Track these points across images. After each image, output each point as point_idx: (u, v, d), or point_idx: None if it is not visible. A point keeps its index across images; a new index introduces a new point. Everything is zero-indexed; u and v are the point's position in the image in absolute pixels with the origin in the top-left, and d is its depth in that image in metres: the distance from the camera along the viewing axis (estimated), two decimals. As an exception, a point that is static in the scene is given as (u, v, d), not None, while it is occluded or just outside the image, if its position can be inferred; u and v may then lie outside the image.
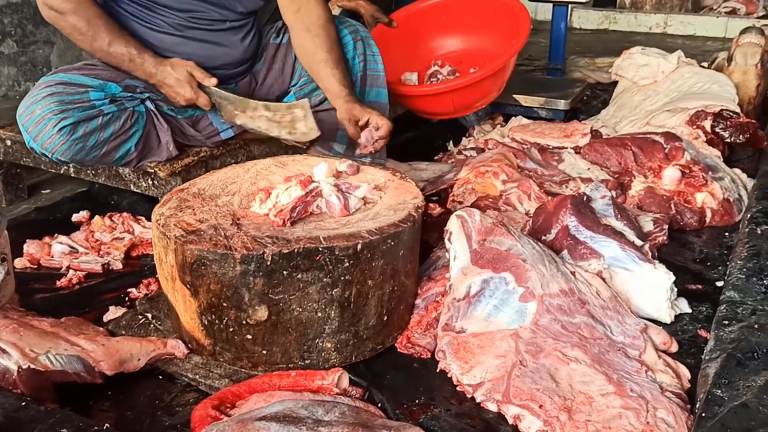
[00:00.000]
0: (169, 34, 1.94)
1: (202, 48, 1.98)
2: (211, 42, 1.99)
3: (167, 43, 1.94)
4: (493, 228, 1.66)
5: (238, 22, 2.04)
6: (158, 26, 1.93)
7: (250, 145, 2.20)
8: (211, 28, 1.98)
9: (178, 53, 1.95)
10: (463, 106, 2.75)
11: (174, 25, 1.93)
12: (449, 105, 2.70)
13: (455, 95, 2.64)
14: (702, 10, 5.49)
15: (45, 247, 1.99)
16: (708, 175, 2.24)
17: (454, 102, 2.68)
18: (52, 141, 1.75)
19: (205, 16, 1.96)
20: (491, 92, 2.73)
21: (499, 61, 2.55)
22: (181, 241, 1.45)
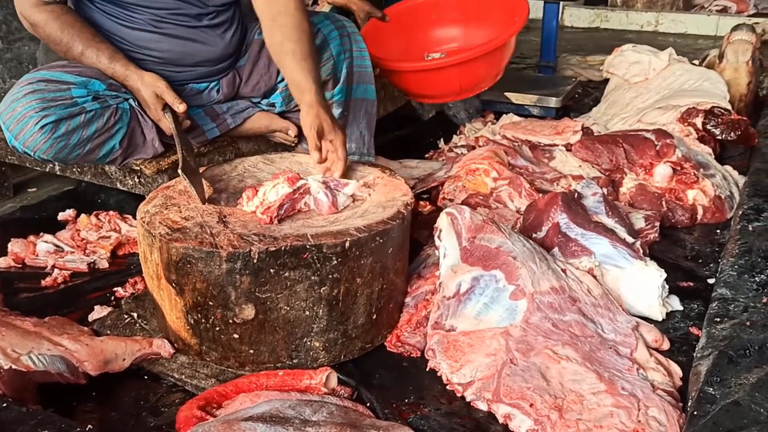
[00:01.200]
0: (146, 31, 1.90)
1: (179, 45, 1.93)
2: (189, 39, 1.94)
3: (145, 41, 1.90)
4: (483, 225, 1.64)
5: (217, 18, 1.98)
6: (135, 24, 1.89)
7: (238, 142, 2.18)
8: (189, 24, 1.93)
9: (156, 50, 1.91)
10: (470, 86, 2.62)
11: (150, 21, 1.89)
12: (455, 83, 2.57)
13: (462, 70, 2.51)
14: (693, 8, 5.50)
15: (30, 246, 1.96)
16: (699, 173, 2.23)
17: (461, 79, 2.55)
18: (34, 139, 1.72)
19: (180, 12, 1.91)
20: (496, 70, 2.64)
21: (505, 35, 2.49)
22: (167, 239, 1.42)
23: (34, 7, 1.78)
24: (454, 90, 2.63)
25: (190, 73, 1.97)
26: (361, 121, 2.17)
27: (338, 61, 2.06)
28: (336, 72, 2.07)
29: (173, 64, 1.94)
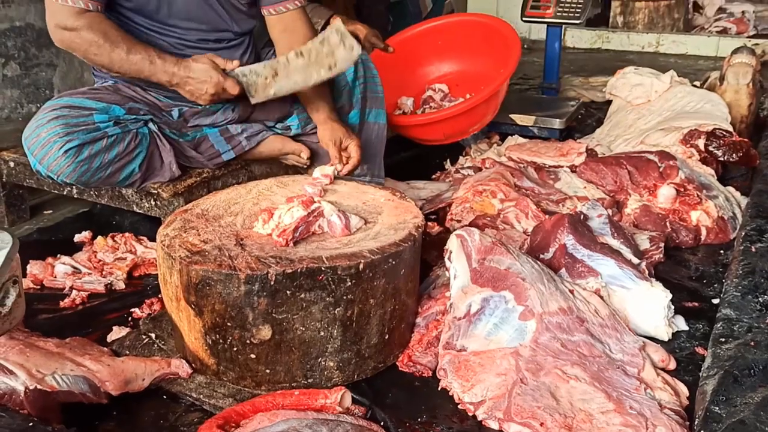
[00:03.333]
0: (169, 54, 1.97)
1: None
2: None
3: None
4: (492, 247, 1.69)
5: (234, 41, 2.08)
6: (158, 47, 1.95)
7: (251, 166, 2.23)
8: (209, 47, 2.02)
9: None
10: (453, 134, 2.80)
11: (173, 44, 1.97)
12: (439, 133, 2.76)
13: (444, 124, 2.69)
14: (693, 29, 5.56)
15: (48, 267, 2.00)
16: (702, 194, 2.27)
17: (444, 131, 2.74)
18: (58, 163, 1.78)
19: (203, 37, 2.00)
20: (480, 120, 2.78)
21: (482, 94, 2.62)
22: (186, 262, 1.47)
23: (76, 14, 1.80)
24: (438, 138, 2.82)
25: None
26: (373, 144, 2.24)
27: (353, 87, 2.14)
28: (351, 98, 2.14)
29: None
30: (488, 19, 2.96)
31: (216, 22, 2.01)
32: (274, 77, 1.93)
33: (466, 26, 2.95)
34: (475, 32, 2.91)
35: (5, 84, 2.47)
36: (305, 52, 1.91)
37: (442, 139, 2.82)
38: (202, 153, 2.05)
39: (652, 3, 5.47)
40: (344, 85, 2.16)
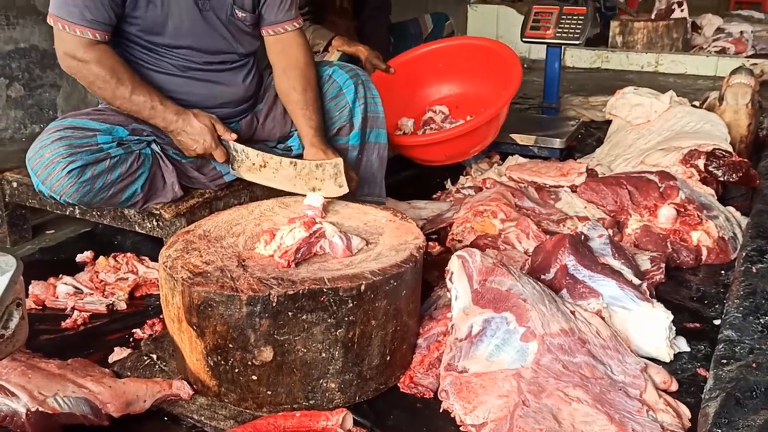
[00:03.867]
0: (174, 75, 2.00)
1: (205, 87, 2.05)
2: (214, 81, 2.06)
3: (173, 84, 2.00)
4: (493, 268, 1.69)
5: (239, 63, 2.11)
6: (163, 68, 1.99)
7: (253, 186, 2.23)
8: (213, 69, 2.05)
9: (183, 93, 2.02)
10: (454, 155, 2.83)
11: (178, 66, 2.00)
12: (440, 154, 2.78)
13: (445, 145, 2.71)
14: (692, 49, 5.61)
15: (50, 288, 2.01)
16: (703, 214, 2.28)
17: (445, 151, 2.76)
18: (61, 184, 1.79)
19: (208, 59, 2.03)
20: (480, 141, 2.80)
21: (484, 116, 2.63)
22: (188, 283, 1.47)
23: (85, 46, 1.82)
24: (439, 159, 2.84)
25: (213, 114, 2.06)
26: (374, 164, 2.25)
27: (353, 108, 2.16)
28: (352, 118, 2.16)
29: (197, 105, 2.04)
30: (489, 43, 2.99)
31: (220, 45, 2.04)
32: (261, 168, 1.98)
33: (466, 49, 2.98)
34: (476, 55, 2.94)
35: (9, 105, 2.49)
36: (299, 165, 1.95)
37: (443, 160, 2.83)
38: (205, 174, 2.07)
39: (651, 23, 5.52)
40: (344, 105, 2.19)
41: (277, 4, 2.06)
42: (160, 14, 1.91)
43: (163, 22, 1.92)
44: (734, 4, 7.95)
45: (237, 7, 2.01)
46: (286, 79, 2.09)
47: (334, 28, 3.01)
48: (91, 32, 1.82)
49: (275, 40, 2.12)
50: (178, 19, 1.93)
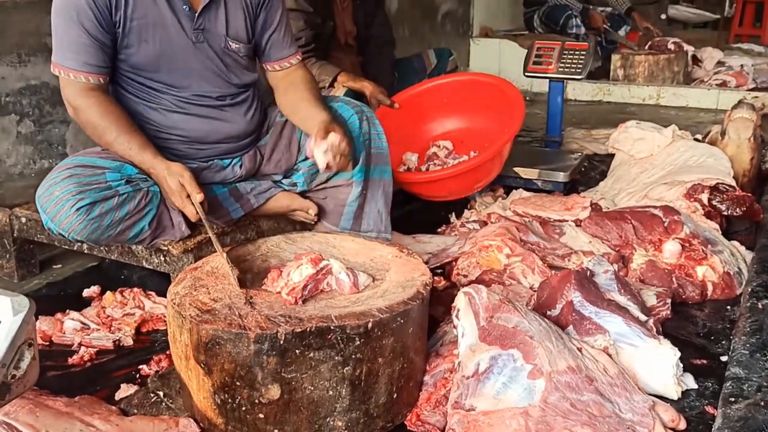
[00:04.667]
0: (173, 112, 2.02)
1: (204, 123, 2.07)
2: (213, 117, 2.08)
3: (172, 121, 2.03)
4: (500, 305, 1.69)
5: (238, 98, 2.13)
6: (163, 106, 2.02)
7: (259, 221, 2.25)
8: (212, 104, 2.07)
9: (183, 129, 2.04)
10: (458, 191, 2.85)
11: (176, 104, 2.02)
12: (444, 190, 2.80)
13: (448, 182, 2.74)
14: (693, 82, 5.66)
15: (57, 323, 2.01)
16: (707, 249, 2.29)
17: (449, 188, 2.78)
18: (69, 221, 1.81)
19: (204, 94, 2.05)
20: (484, 177, 2.82)
21: (486, 153, 2.65)
22: (196, 321, 1.48)
23: (79, 92, 1.90)
24: (443, 194, 2.86)
25: (213, 149, 2.10)
26: (379, 200, 2.25)
27: (358, 144, 2.17)
28: (356, 154, 2.16)
29: (199, 141, 2.06)
30: (492, 79, 3.03)
31: (216, 79, 2.06)
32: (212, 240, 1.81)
33: (470, 84, 3.02)
34: (479, 90, 2.97)
35: (19, 141, 2.53)
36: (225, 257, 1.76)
37: (446, 196, 2.85)
38: (212, 212, 2.08)
39: (652, 56, 5.58)
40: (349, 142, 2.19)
41: (281, 42, 2.16)
42: (152, 51, 1.94)
43: (157, 59, 1.95)
44: (734, 36, 8.04)
45: (231, 39, 2.04)
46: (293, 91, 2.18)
47: (340, 64, 3.05)
48: (84, 76, 1.89)
49: (283, 74, 2.20)
50: (171, 54, 1.96)
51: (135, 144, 1.91)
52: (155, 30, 1.92)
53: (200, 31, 1.98)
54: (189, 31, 1.96)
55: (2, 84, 2.45)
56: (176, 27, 1.94)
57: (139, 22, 1.90)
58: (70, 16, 1.84)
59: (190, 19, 1.96)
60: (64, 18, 1.86)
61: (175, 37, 1.95)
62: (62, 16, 1.86)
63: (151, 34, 1.92)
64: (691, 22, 9.20)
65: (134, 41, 1.92)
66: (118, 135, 1.90)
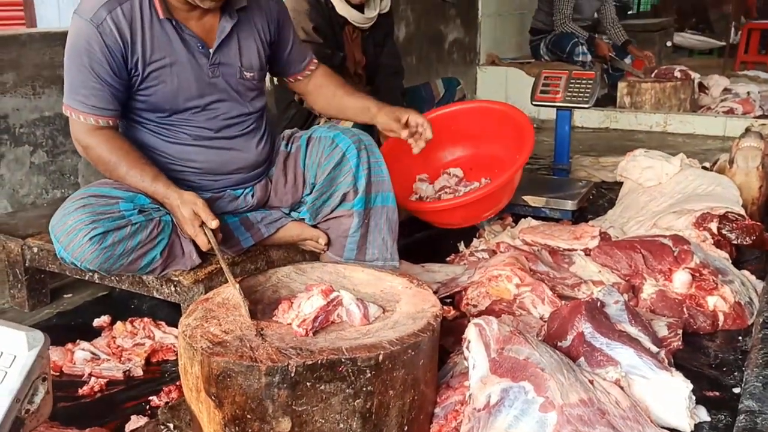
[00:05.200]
0: (187, 144, 2.05)
1: (217, 155, 2.09)
2: (226, 149, 2.10)
3: (186, 154, 2.05)
4: (510, 336, 1.69)
5: (250, 125, 2.15)
6: (177, 139, 2.04)
7: (269, 251, 2.26)
8: (225, 135, 2.09)
9: (196, 161, 2.07)
10: (470, 218, 2.85)
11: (191, 135, 2.04)
12: (457, 218, 2.81)
13: (462, 209, 2.73)
14: (700, 109, 5.67)
15: (68, 354, 2.02)
16: (718, 279, 2.28)
17: (462, 215, 2.79)
18: (83, 250, 1.82)
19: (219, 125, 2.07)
20: (496, 205, 2.82)
21: (499, 181, 2.66)
22: (208, 353, 1.48)
23: (88, 131, 1.93)
24: (456, 222, 2.87)
25: (226, 180, 2.11)
26: (383, 228, 2.24)
27: (357, 174, 2.16)
28: (355, 184, 2.16)
29: (212, 173, 2.08)
30: (501, 106, 3.04)
31: (231, 109, 2.08)
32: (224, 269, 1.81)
33: (480, 112, 3.03)
34: (489, 117, 2.99)
35: (32, 171, 2.56)
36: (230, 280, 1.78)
37: (459, 223, 2.86)
38: (223, 242, 2.09)
39: (659, 84, 5.61)
40: (348, 171, 2.17)
41: (297, 57, 2.26)
42: (170, 91, 1.96)
43: (175, 97, 1.97)
44: (739, 63, 8.08)
45: (245, 69, 2.07)
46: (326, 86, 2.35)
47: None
48: (94, 118, 1.91)
49: (306, 81, 2.34)
50: (188, 92, 1.98)
51: (147, 176, 1.93)
52: (173, 70, 1.94)
53: (216, 66, 2.01)
54: (205, 67, 1.99)
55: (17, 115, 2.48)
56: (193, 65, 1.97)
57: (156, 64, 1.92)
58: (81, 60, 1.86)
59: (205, 56, 1.99)
60: (75, 62, 1.88)
61: (192, 75, 1.98)
62: (74, 60, 1.88)
63: (168, 75, 1.94)
64: (697, 49, 9.28)
65: (152, 83, 1.94)
66: (129, 169, 1.93)
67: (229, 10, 1.98)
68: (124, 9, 1.85)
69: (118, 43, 1.85)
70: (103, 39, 1.83)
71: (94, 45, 1.84)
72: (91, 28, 1.83)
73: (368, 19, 3.04)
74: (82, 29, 1.84)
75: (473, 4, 6.08)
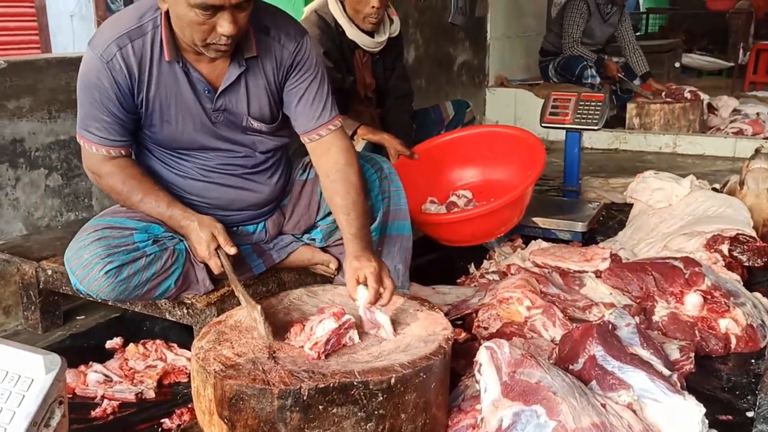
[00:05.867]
0: (196, 180, 2.04)
1: (228, 192, 2.07)
2: (237, 187, 2.08)
3: (196, 188, 2.04)
4: (522, 359, 1.69)
5: (265, 164, 2.11)
6: (186, 173, 2.03)
7: (280, 273, 2.28)
8: (236, 172, 2.06)
9: (206, 197, 2.05)
10: (482, 234, 2.85)
11: (199, 171, 2.03)
12: (468, 233, 2.80)
13: (473, 223, 2.74)
14: (709, 130, 5.67)
15: (81, 376, 2.03)
16: (730, 301, 2.27)
17: (472, 230, 2.78)
18: (98, 283, 1.84)
19: (227, 162, 2.05)
20: (508, 221, 2.83)
21: (513, 193, 2.67)
22: (221, 376, 1.49)
23: (100, 161, 1.93)
24: (466, 238, 2.86)
25: (238, 216, 2.11)
26: (396, 256, 2.26)
27: (376, 202, 2.18)
28: (373, 211, 2.17)
29: (222, 209, 2.08)
30: (512, 130, 3.07)
31: (238, 153, 2.05)
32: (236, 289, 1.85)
33: (490, 137, 3.06)
34: (500, 141, 3.01)
35: (47, 194, 2.59)
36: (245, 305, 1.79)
37: (469, 240, 2.85)
38: (236, 268, 2.09)
39: (668, 105, 5.62)
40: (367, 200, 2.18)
41: (307, 114, 2.02)
42: (175, 131, 1.95)
43: (180, 137, 1.97)
44: (748, 84, 8.08)
45: (252, 119, 2.00)
46: (329, 183, 2.03)
47: (359, 116, 3.11)
48: (106, 150, 1.92)
49: (314, 145, 2.05)
50: (193, 134, 1.96)
51: (162, 202, 1.94)
52: (177, 111, 1.92)
53: (220, 111, 1.96)
54: (209, 111, 1.95)
55: (32, 139, 2.52)
56: (197, 108, 1.93)
57: (161, 103, 1.90)
58: (92, 94, 1.86)
59: (210, 100, 1.94)
60: (86, 94, 1.87)
61: (197, 117, 1.94)
62: (85, 92, 1.88)
63: (173, 116, 1.92)
64: (705, 70, 9.29)
65: (157, 121, 1.93)
66: (144, 196, 1.94)
67: (238, 57, 1.90)
68: (135, 46, 1.83)
69: (126, 80, 1.84)
70: (112, 74, 1.83)
71: (103, 80, 1.83)
72: (102, 63, 1.82)
73: (378, 44, 3.08)
74: (93, 63, 1.84)
75: (482, 27, 6.13)
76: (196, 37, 1.76)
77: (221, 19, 1.72)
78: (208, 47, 1.79)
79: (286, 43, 1.97)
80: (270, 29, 1.95)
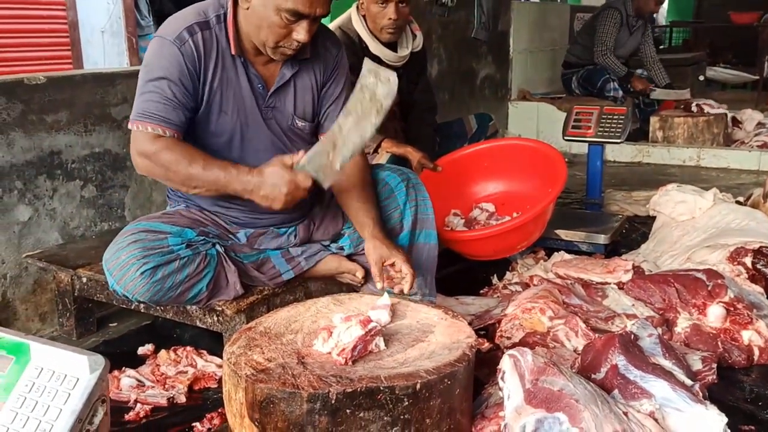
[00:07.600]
0: None
1: None
2: None
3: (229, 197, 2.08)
4: (545, 367, 1.72)
5: None
6: None
7: (307, 282, 2.33)
8: None
9: (240, 206, 2.12)
10: (503, 250, 2.91)
11: None
12: (489, 249, 2.86)
13: (495, 240, 2.80)
14: (734, 143, 5.65)
15: (114, 380, 2.09)
16: (753, 313, 2.28)
17: (494, 246, 2.84)
18: (134, 284, 1.91)
19: None
20: (528, 237, 2.86)
21: (534, 210, 2.71)
22: (252, 380, 1.54)
23: (152, 139, 1.90)
24: (488, 254, 2.93)
25: (271, 219, 2.18)
26: (423, 265, 2.30)
27: (404, 210, 2.24)
28: (402, 220, 2.24)
29: (259, 211, 2.13)
30: (533, 143, 3.11)
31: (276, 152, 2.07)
32: (334, 149, 1.89)
33: (512, 149, 3.10)
34: (522, 154, 3.05)
35: (82, 204, 2.67)
36: (351, 108, 1.85)
37: (491, 255, 2.90)
38: (264, 273, 2.16)
39: (692, 118, 5.61)
40: (395, 207, 2.26)
41: (334, 116, 2.10)
42: (230, 122, 2.03)
43: (232, 129, 2.04)
44: (773, 97, 8.02)
45: (298, 117, 2.13)
46: (345, 178, 2.11)
47: (383, 130, 3.15)
48: (161, 129, 1.90)
49: None
50: (245, 127, 2.06)
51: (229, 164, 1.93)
52: (235, 102, 2.03)
53: (270, 108, 2.08)
54: (262, 107, 2.06)
55: (69, 151, 2.61)
56: (251, 102, 2.05)
57: (221, 94, 2.00)
58: (159, 74, 1.89)
59: (262, 97, 2.06)
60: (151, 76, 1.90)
61: (250, 111, 2.06)
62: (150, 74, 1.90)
63: (231, 106, 2.02)
64: (730, 83, 9.24)
65: (215, 110, 2.01)
66: (207, 162, 1.91)
67: (291, 59, 2.03)
68: (204, 35, 1.94)
69: (195, 64, 1.93)
70: (184, 59, 1.91)
71: (174, 63, 1.90)
72: (174, 48, 1.90)
73: (401, 58, 3.13)
74: (165, 47, 1.92)
75: (505, 41, 6.18)
76: (270, 39, 1.89)
77: (300, 27, 1.87)
78: (276, 50, 1.93)
79: (331, 48, 2.16)
80: (318, 35, 2.05)
